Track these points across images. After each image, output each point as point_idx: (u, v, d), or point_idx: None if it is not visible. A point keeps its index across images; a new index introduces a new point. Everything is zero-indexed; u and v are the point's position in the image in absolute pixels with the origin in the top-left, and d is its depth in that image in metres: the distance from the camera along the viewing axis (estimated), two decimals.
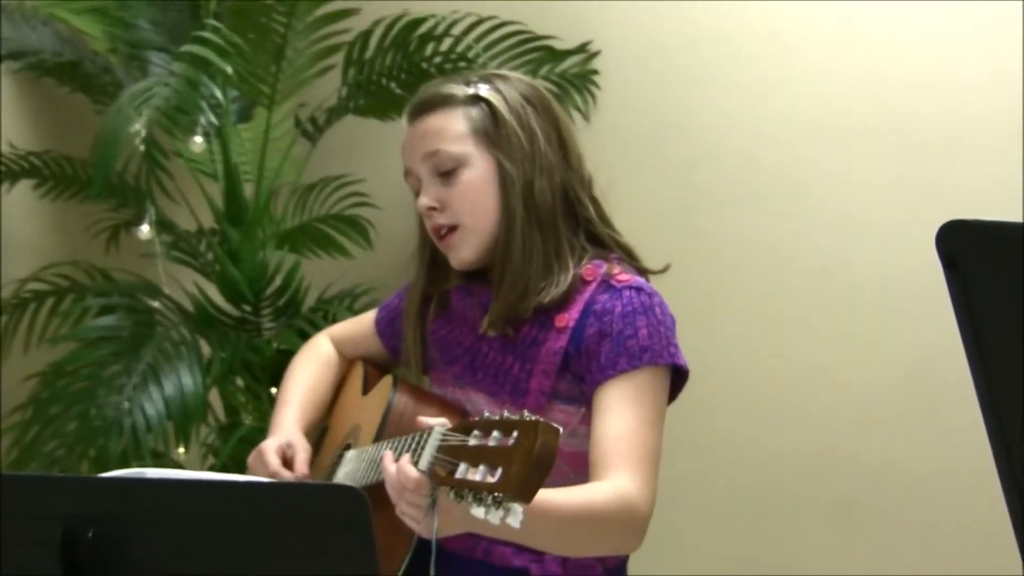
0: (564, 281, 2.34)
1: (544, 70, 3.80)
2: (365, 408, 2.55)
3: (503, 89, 2.38)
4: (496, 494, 1.80)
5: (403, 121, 2.45)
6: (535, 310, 2.35)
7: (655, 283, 2.43)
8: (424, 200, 2.37)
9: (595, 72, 3.85)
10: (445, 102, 2.37)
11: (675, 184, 3.83)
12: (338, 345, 2.73)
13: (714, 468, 3.81)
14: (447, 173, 2.35)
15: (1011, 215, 3.24)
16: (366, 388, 2.61)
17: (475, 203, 2.35)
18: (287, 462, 2.45)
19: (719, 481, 3.81)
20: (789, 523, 3.75)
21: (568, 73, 3.83)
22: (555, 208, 2.36)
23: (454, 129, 2.35)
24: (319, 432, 2.63)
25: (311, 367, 2.70)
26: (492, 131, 2.34)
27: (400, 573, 2.23)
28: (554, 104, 2.42)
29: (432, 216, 2.38)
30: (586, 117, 3.83)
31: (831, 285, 3.67)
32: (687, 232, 3.78)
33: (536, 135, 2.35)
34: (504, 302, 2.35)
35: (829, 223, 3.66)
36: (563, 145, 2.39)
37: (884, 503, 3.59)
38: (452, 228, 2.37)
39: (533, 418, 1.84)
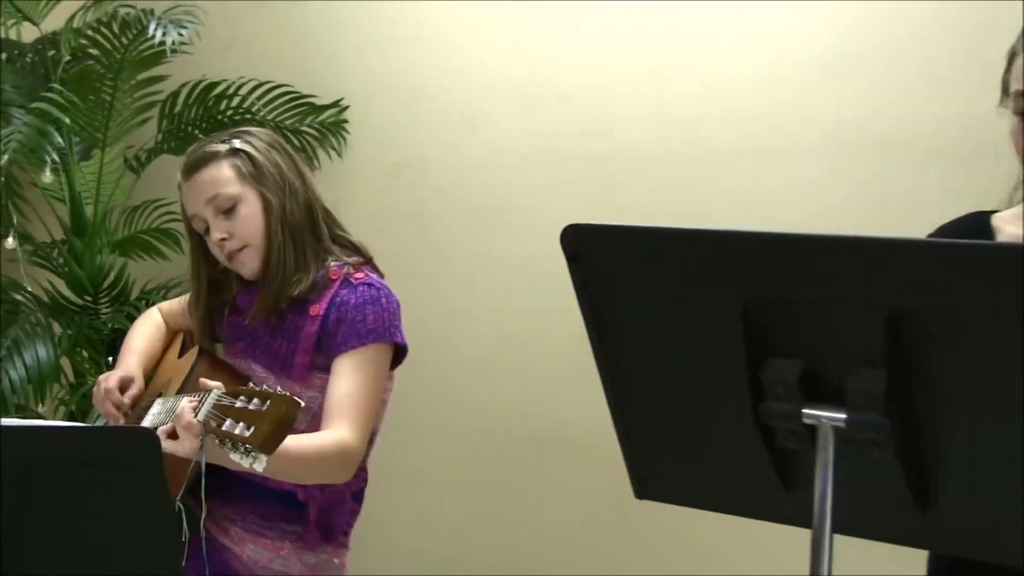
0: (308, 278, 2.52)
1: (308, 120, 4.17)
2: (178, 368, 2.68)
3: (252, 140, 2.57)
4: (247, 445, 2.00)
5: (179, 178, 2.60)
6: (297, 303, 2.53)
7: (396, 279, 2.63)
8: (216, 234, 2.52)
9: (346, 121, 4.20)
10: (213, 158, 2.54)
11: (410, 204, 4.10)
12: (165, 317, 2.89)
13: (447, 413, 4.05)
14: (228, 211, 2.52)
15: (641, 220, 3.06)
16: (182, 353, 2.76)
17: (253, 228, 2.53)
18: (124, 391, 2.63)
19: (452, 422, 4.05)
20: (502, 454, 3.99)
21: (326, 122, 4.17)
22: (303, 223, 2.55)
23: (225, 176, 2.52)
24: (145, 380, 2.73)
25: (148, 329, 2.84)
26: (253, 172, 2.53)
27: (183, 489, 2.35)
28: (287, 146, 2.63)
29: (224, 245, 2.53)
30: (340, 154, 4.19)
31: (522, 277, 3.87)
32: (419, 241, 4.05)
33: (282, 168, 2.55)
34: (265, 298, 2.54)
35: (523, 231, 3.87)
36: (300, 173, 2.60)
37: (574, 439, 3.77)
38: (241, 248, 2.54)
39: (282, 392, 2.05)
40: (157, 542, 1.69)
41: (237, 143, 2.55)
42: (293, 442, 2.21)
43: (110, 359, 3.93)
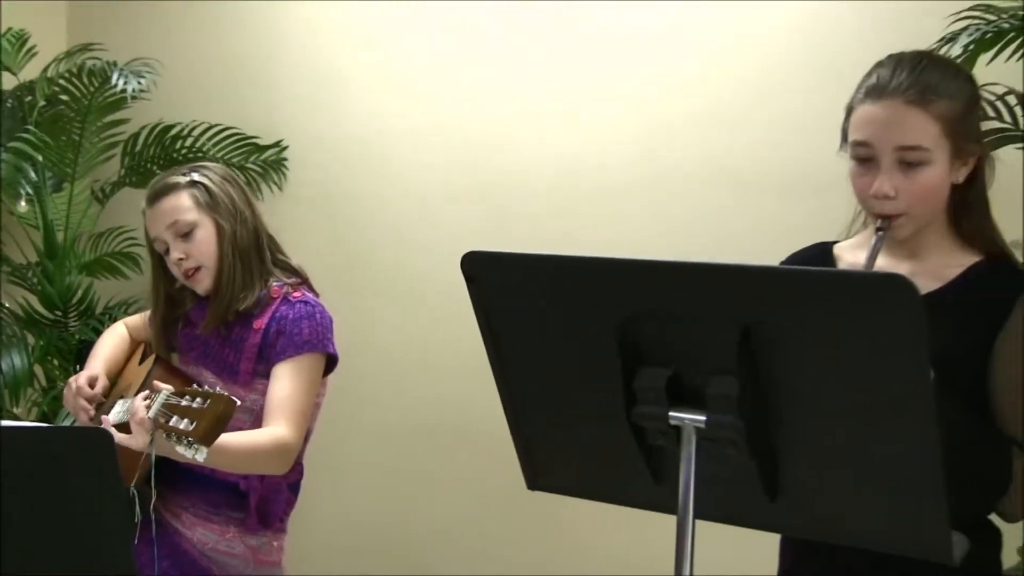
0: (254, 294, 2.54)
1: (252, 158, 4.19)
2: (137, 373, 2.71)
3: (208, 174, 2.61)
4: (189, 438, 2.06)
5: (143, 205, 2.62)
6: (242, 315, 2.54)
7: (327, 292, 2.68)
8: (175, 255, 2.55)
9: (285, 159, 4.21)
10: (174, 188, 2.57)
11: (335, 227, 4.12)
12: (129, 330, 2.88)
13: (371, 411, 4.04)
14: (186, 235, 2.54)
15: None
16: (142, 360, 2.77)
17: (208, 250, 2.54)
18: (91, 387, 2.63)
19: (374, 419, 4.04)
20: (420, 448, 3.96)
21: (269, 160, 4.20)
22: (250, 247, 2.57)
23: (184, 205, 2.55)
24: (110, 384, 2.74)
25: (113, 340, 2.83)
26: (209, 201, 2.55)
27: (137, 479, 2.36)
28: (239, 180, 2.67)
29: (181, 264, 2.55)
30: (280, 188, 4.20)
31: (432, 289, 3.88)
32: (344, 259, 4.07)
33: (234, 199, 2.58)
34: (215, 311, 2.57)
35: (432, 253, 3.89)
36: (249, 203, 2.63)
37: (477, 431, 3.72)
38: (197, 268, 2.56)
39: (220, 392, 2.09)
40: (109, 536, 1.65)
41: (195, 176, 2.58)
42: (234, 437, 2.26)
43: (77, 367, 3.82)
